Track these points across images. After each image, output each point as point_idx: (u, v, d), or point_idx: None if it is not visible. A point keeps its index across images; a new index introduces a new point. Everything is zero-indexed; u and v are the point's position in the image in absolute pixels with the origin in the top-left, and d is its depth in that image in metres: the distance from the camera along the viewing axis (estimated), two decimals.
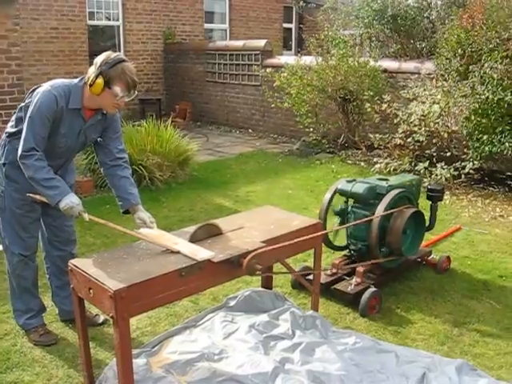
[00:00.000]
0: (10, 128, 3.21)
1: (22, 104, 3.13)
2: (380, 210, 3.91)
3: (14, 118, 3.21)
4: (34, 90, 3.08)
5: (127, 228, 3.08)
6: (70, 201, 2.95)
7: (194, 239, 2.96)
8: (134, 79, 3.01)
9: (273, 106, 9.65)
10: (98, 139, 3.32)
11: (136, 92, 3.07)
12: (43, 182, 2.94)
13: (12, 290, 3.45)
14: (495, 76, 6.15)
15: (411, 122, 6.97)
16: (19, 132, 3.06)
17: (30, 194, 3.07)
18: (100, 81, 2.94)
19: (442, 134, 6.81)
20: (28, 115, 2.95)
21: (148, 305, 2.60)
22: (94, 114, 3.15)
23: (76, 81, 3.09)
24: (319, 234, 3.37)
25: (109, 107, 3.09)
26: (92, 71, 2.97)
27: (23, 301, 3.43)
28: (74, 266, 2.73)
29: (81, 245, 4.32)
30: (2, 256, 3.79)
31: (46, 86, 3.01)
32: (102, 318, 3.60)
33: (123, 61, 2.99)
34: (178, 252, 2.81)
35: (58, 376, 3.05)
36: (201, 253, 2.81)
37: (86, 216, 3.01)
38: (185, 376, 2.89)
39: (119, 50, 11.92)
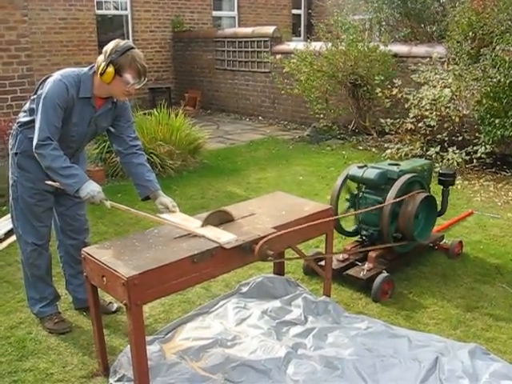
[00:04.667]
0: (22, 118, 3.21)
1: (34, 96, 3.13)
2: (391, 195, 3.90)
3: (26, 108, 3.22)
4: (44, 81, 3.09)
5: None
6: (91, 189, 2.95)
7: (205, 226, 2.97)
8: (144, 65, 3.02)
9: (283, 92, 9.62)
10: (111, 129, 3.33)
11: (146, 78, 3.07)
12: (61, 170, 2.94)
13: (26, 278, 3.48)
14: (507, 58, 6.08)
15: (422, 107, 6.92)
16: (31, 122, 3.07)
17: (49, 182, 3.07)
18: (111, 69, 2.94)
19: (454, 118, 6.76)
20: (40, 105, 2.96)
21: (161, 292, 2.62)
22: (104, 102, 3.16)
23: (86, 69, 3.10)
24: (331, 219, 3.37)
25: (120, 95, 3.10)
26: (102, 60, 2.98)
27: (37, 289, 3.46)
28: (87, 254, 2.75)
29: (93, 233, 4.36)
30: (16, 245, 3.83)
31: (56, 76, 3.02)
32: (115, 306, 3.63)
33: (132, 48, 3.00)
34: (203, 236, 2.84)
35: (73, 363, 3.08)
36: (224, 236, 2.83)
37: (108, 203, 3.00)
38: (198, 362, 2.91)
39: (128, 39, 11.90)
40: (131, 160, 3.32)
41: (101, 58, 3.00)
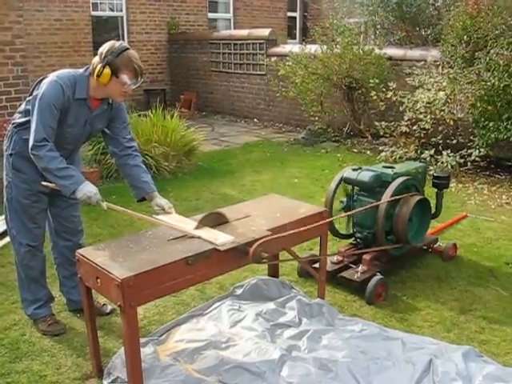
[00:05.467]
0: (17, 119, 3.20)
1: (30, 97, 3.12)
2: (386, 197, 3.90)
3: (21, 109, 3.21)
4: (40, 82, 3.08)
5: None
6: (88, 190, 2.94)
7: (201, 228, 2.97)
8: (140, 66, 3.02)
9: (278, 95, 9.64)
10: (106, 130, 3.32)
11: (142, 78, 3.07)
12: (57, 171, 2.93)
13: (20, 280, 3.46)
14: (501, 62, 6.10)
15: (417, 110, 6.94)
16: (27, 123, 3.07)
17: (45, 183, 3.06)
18: (107, 71, 2.94)
19: (448, 121, 6.78)
20: (36, 106, 2.94)
21: (155, 293, 2.61)
22: (100, 103, 3.15)
23: (81, 71, 3.09)
24: (325, 221, 3.38)
25: (116, 96, 3.10)
26: (97, 61, 2.98)
27: (31, 291, 3.44)
28: (82, 255, 2.74)
29: (87, 235, 4.35)
30: (9, 247, 3.82)
31: (51, 77, 3.01)
32: (109, 308, 3.62)
33: (127, 49, 3.00)
34: (199, 237, 2.84)
35: (66, 365, 3.08)
36: (221, 237, 2.84)
37: (105, 205, 3.00)
38: (192, 364, 2.91)
39: (123, 41, 11.88)
40: (127, 161, 3.32)
41: (96, 59, 3.00)
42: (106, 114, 3.22)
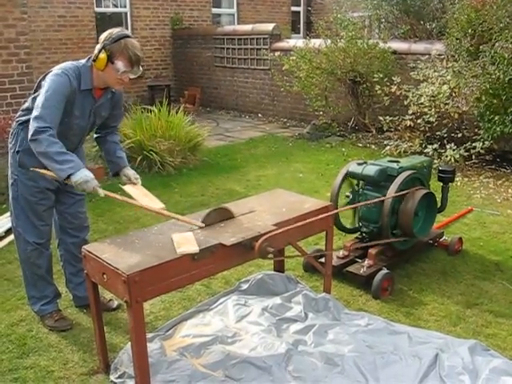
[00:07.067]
0: (23, 117, 3.19)
1: (34, 94, 3.11)
2: (391, 191, 3.90)
3: (25, 107, 3.21)
4: (44, 77, 3.06)
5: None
6: (85, 175, 2.84)
7: (207, 223, 2.97)
8: (136, 54, 2.99)
9: (282, 89, 9.62)
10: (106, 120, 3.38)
11: (141, 68, 3.05)
12: (56, 155, 2.82)
13: (25, 278, 3.47)
14: (506, 55, 6.08)
15: (421, 104, 6.92)
16: None
17: (37, 169, 2.99)
18: (103, 55, 2.95)
19: (453, 114, 6.76)
20: (43, 97, 2.89)
21: (161, 289, 2.62)
22: (103, 93, 3.17)
23: (83, 61, 3.10)
24: (329, 213, 3.37)
25: (113, 83, 3.09)
26: (97, 48, 2.99)
27: (38, 288, 3.45)
28: (88, 251, 2.75)
29: (93, 231, 4.36)
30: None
31: (56, 70, 3.01)
32: (115, 304, 3.63)
33: (127, 36, 2.99)
34: (169, 216, 2.93)
35: (73, 360, 3.09)
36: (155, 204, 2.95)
37: (101, 191, 2.92)
38: (199, 359, 2.92)
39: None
40: (105, 138, 3.44)
41: (97, 46, 3.02)
42: (109, 102, 3.26)
